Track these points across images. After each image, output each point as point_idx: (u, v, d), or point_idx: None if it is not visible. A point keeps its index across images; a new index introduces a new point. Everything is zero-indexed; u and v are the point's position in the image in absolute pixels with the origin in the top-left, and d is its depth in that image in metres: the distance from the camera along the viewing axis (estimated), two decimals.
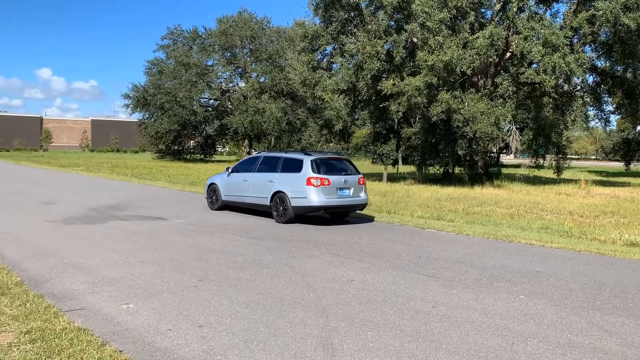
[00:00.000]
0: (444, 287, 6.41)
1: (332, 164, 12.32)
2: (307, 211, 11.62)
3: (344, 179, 11.79)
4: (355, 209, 12.45)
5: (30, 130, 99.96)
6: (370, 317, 5.15)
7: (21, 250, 7.99)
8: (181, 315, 5.10)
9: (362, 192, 12.23)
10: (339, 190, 11.65)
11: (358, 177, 12.19)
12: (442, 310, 5.47)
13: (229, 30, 50.73)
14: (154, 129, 49.85)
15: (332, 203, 11.51)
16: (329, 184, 11.42)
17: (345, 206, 11.97)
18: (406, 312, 5.34)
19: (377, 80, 24.29)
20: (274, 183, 12.06)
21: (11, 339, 4.32)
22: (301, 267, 7.20)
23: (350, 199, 11.87)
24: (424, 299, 5.86)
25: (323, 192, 11.36)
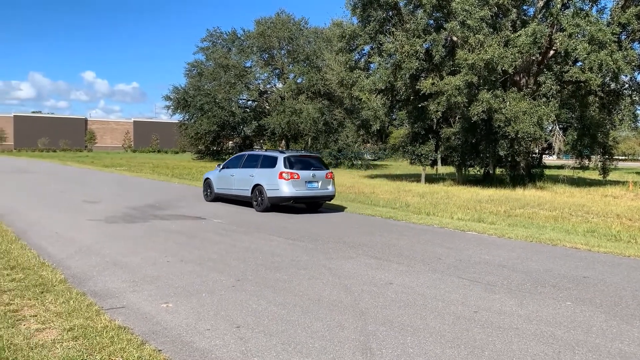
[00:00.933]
0: (486, 291, 6.22)
1: (303, 161, 14.11)
2: (279, 201, 13.48)
3: (312, 173, 13.58)
4: (323, 200, 14.23)
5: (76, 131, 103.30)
6: (410, 322, 5.04)
7: (65, 248, 8.20)
8: (219, 315, 5.11)
9: (330, 185, 13.96)
10: (308, 184, 13.50)
11: (326, 172, 13.99)
12: (484, 315, 5.30)
13: (267, 32, 51.13)
14: (194, 130, 50.74)
15: (301, 194, 13.39)
16: (298, 178, 13.29)
17: (313, 197, 13.80)
18: (447, 317, 5.20)
19: (415, 80, 24.01)
20: (254, 177, 13.98)
21: (55, 335, 4.40)
22: (338, 269, 7.13)
23: (318, 191, 13.72)
24: (465, 303, 5.71)
25: (293, 185, 13.24)
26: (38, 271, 6.44)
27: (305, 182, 13.46)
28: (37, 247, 8.05)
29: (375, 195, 18.25)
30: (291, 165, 13.55)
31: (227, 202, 15.24)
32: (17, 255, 7.28)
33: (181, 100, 51.57)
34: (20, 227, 9.88)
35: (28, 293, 5.54)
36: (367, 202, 16.14)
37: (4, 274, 6.28)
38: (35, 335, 4.41)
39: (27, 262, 6.86)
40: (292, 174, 13.32)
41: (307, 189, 13.50)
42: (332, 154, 45.30)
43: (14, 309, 5.03)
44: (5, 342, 4.18)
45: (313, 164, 14.16)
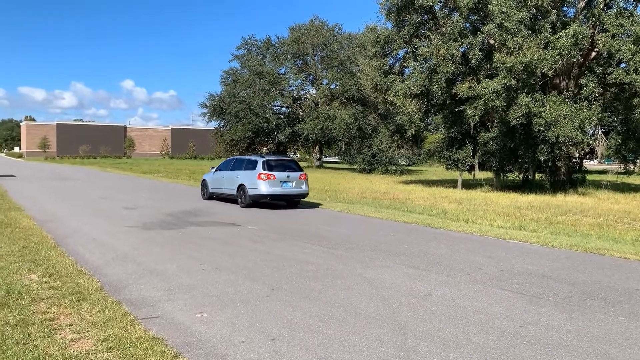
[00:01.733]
0: (531, 304, 5.93)
1: (280, 164, 16.16)
2: (258, 198, 15.57)
3: (287, 175, 15.66)
4: (297, 197, 16.41)
5: (115, 138, 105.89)
6: (452, 336, 4.81)
7: (102, 255, 8.26)
8: (254, 326, 4.99)
9: (304, 185, 16.01)
10: (283, 183, 15.57)
11: (300, 173, 16.06)
12: (531, 330, 5.03)
13: (301, 39, 51.39)
14: (229, 137, 51.29)
15: (276, 192, 15.51)
16: (274, 178, 15.40)
17: (287, 195, 15.93)
18: (490, 332, 4.95)
19: (451, 84, 23.58)
20: (239, 178, 16.11)
21: (89, 346, 4.36)
22: (375, 279, 6.94)
23: (292, 190, 15.81)
24: (510, 317, 5.43)
25: (269, 184, 15.33)
26: (75, 279, 6.47)
27: (281, 182, 15.55)
28: (75, 254, 8.14)
29: (410, 202, 17.94)
30: (269, 168, 15.61)
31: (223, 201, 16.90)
32: (55, 262, 7.35)
33: (217, 107, 52.24)
34: (60, 234, 10.04)
35: (65, 301, 5.55)
36: (403, 208, 15.85)
37: (42, 281, 6.33)
38: (71, 345, 4.38)
39: (65, 270, 6.92)
40: (269, 175, 15.42)
41: (282, 188, 15.60)
42: (366, 159, 45.00)
43: (51, 317, 5.03)
44: (41, 352, 4.16)
45: (289, 167, 16.20)
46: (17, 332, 4.57)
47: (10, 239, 9.05)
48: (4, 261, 7.31)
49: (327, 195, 20.11)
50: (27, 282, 6.23)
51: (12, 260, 7.36)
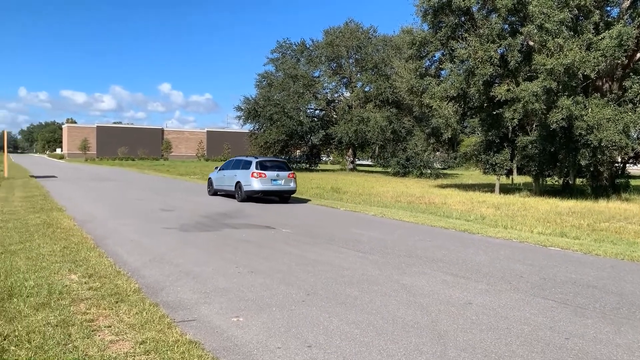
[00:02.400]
0: (577, 315, 5.69)
1: (271, 164, 18.42)
2: (252, 194, 17.82)
3: (276, 173, 17.85)
4: (286, 193, 18.45)
5: (153, 140, 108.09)
6: (494, 348, 4.64)
7: (140, 256, 8.36)
8: (290, 332, 4.94)
9: (292, 183, 18.21)
10: (273, 181, 17.77)
11: (288, 173, 18.29)
12: (577, 343, 4.81)
13: (336, 41, 51.38)
14: (263, 139, 51.62)
15: (267, 189, 17.70)
16: (265, 177, 17.62)
17: (277, 191, 18.12)
18: (534, 344, 4.76)
19: (489, 86, 23.14)
20: (237, 176, 18.40)
21: (128, 348, 4.38)
22: (412, 286, 6.79)
23: (281, 187, 18.02)
24: (554, 328, 5.22)
25: (261, 182, 17.57)
26: (114, 280, 6.55)
27: (271, 180, 17.76)
28: (114, 255, 8.26)
29: (447, 206, 17.64)
30: (262, 168, 17.83)
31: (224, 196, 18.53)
32: (95, 263, 7.47)
33: (251, 110, 52.66)
34: (98, 235, 10.23)
35: (103, 302, 5.61)
36: (439, 213, 15.60)
37: (82, 282, 6.43)
38: (109, 347, 4.41)
39: (103, 271, 7.02)
40: (261, 174, 17.66)
41: (272, 185, 17.81)
42: (400, 162, 44.60)
43: (90, 318, 5.09)
44: (81, 354, 4.19)
45: (279, 167, 18.46)
46: (58, 333, 4.64)
47: (52, 239, 9.27)
48: (46, 261, 7.47)
49: (361, 199, 19.97)
50: (68, 283, 6.34)
51: (54, 261, 7.52)
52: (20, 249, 8.34)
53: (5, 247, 8.41)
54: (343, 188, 25.28)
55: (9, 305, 5.37)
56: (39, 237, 9.49)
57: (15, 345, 4.34)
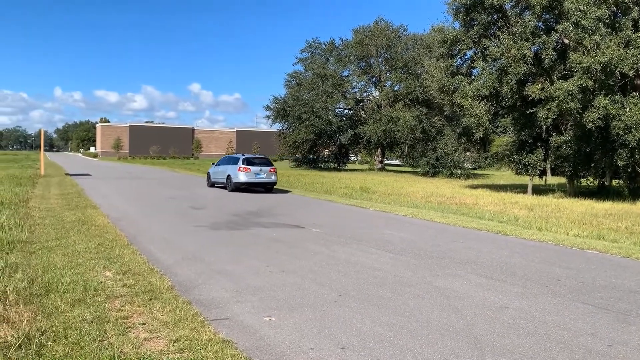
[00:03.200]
0: (619, 321, 5.49)
1: (256, 160, 21.95)
2: (239, 185, 21.21)
3: (259, 168, 21.32)
4: (268, 185, 21.80)
5: (184, 139, 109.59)
6: (533, 354, 4.51)
7: (172, 254, 8.43)
8: (322, 333, 4.89)
9: (273, 176, 21.67)
10: (256, 174, 21.21)
11: (270, 167, 21.66)
12: (621, 351, 4.64)
13: (365, 40, 51.16)
14: (292, 139, 51.76)
15: (251, 180, 21.13)
16: (249, 171, 21.09)
17: (259, 183, 21.45)
18: (575, 351, 4.61)
19: (522, 85, 22.68)
20: (228, 170, 21.96)
21: (162, 346, 4.40)
22: (446, 288, 6.67)
23: (264, 179, 21.39)
24: (596, 335, 5.04)
25: (246, 175, 21.03)
26: (147, 277, 6.62)
27: (255, 173, 21.19)
28: (147, 252, 8.35)
29: (478, 207, 17.35)
30: (247, 163, 21.33)
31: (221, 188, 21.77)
32: (128, 260, 7.57)
33: (280, 110, 52.86)
34: (132, 232, 10.37)
35: (138, 299, 5.67)
36: (471, 214, 15.34)
37: (117, 278, 6.51)
38: (144, 344, 4.43)
39: (137, 268, 7.09)
40: (246, 168, 21.14)
41: (255, 177, 21.22)
42: (430, 162, 44.12)
43: (125, 315, 5.14)
44: (116, 351, 4.23)
45: (263, 163, 21.84)
46: (93, 329, 4.69)
47: (87, 236, 9.43)
48: (81, 258, 7.60)
49: (391, 199, 19.81)
50: (103, 279, 6.43)
51: (89, 257, 7.64)
52: (56, 245, 8.51)
53: (42, 244, 8.60)
54: (372, 188, 25.13)
55: (47, 301, 5.47)
56: (75, 234, 9.68)
57: (52, 341, 4.40)
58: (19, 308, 5.15)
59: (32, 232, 9.75)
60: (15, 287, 5.81)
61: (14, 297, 5.47)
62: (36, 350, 4.20)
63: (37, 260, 7.33)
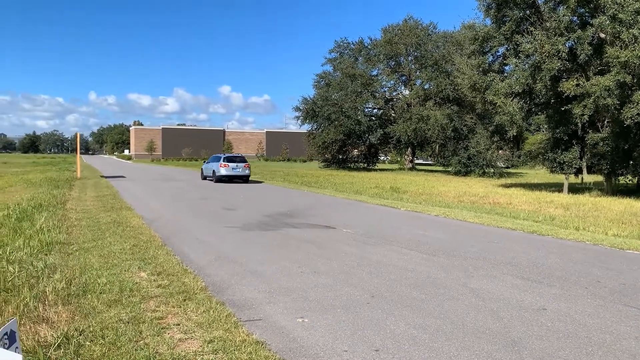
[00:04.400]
0: None
1: (234, 158, 28.49)
2: (221, 177, 27.55)
3: (236, 164, 27.68)
4: (243, 177, 28.21)
5: (215, 141, 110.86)
6: (574, 358, 4.37)
7: (205, 255, 8.51)
8: (356, 335, 4.85)
9: (247, 170, 28.22)
10: (233, 169, 27.57)
11: (245, 164, 28.18)
12: None
13: (394, 39, 50.86)
14: (321, 139, 51.76)
15: (230, 174, 27.49)
16: (228, 167, 27.43)
17: (236, 175, 27.81)
18: (619, 355, 4.45)
19: (556, 81, 22.15)
20: (213, 166, 28.49)
21: (196, 347, 4.43)
22: (481, 290, 6.54)
23: (239, 172, 27.82)
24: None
25: (225, 170, 27.36)
26: (181, 278, 6.69)
27: (232, 168, 27.77)
28: (180, 253, 8.45)
29: (512, 207, 17.01)
30: (227, 160, 28.08)
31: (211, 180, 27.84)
32: (163, 261, 7.67)
33: (310, 110, 52.92)
34: (165, 233, 10.51)
35: (172, 300, 5.73)
36: (505, 214, 15.05)
37: (151, 279, 6.60)
38: (178, 345, 4.47)
39: (171, 269, 7.18)
40: (226, 164, 27.74)
41: (233, 172, 27.78)
42: (462, 161, 43.51)
43: (159, 316, 5.20)
44: (152, 351, 4.27)
45: (239, 160, 28.49)
46: (129, 329, 4.75)
47: (122, 237, 9.61)
48: (117, 259, 7.74)
49: (422, 199, 19.61)
50: (138, 280, 6.52)
51: (124, 258, 7.78)
52: (93, 246, 8.69)
53: (79, 245, 8.79)
54: (403, 188, 24.93)
55: (84, 301, 5.57)
56: (110, 235, 9.87)
57: (90, 341, 4.48)
58: (58, 308, 5.26)
59: (70, 233, 9.99)
60: (54, 287, 5.94)
61: (53, 298, 5.59)
62: (74, 350, 4.28)
63: (74, 261, 7.49)
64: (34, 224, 10.52)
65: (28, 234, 9.39)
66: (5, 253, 7.62)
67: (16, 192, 18.77)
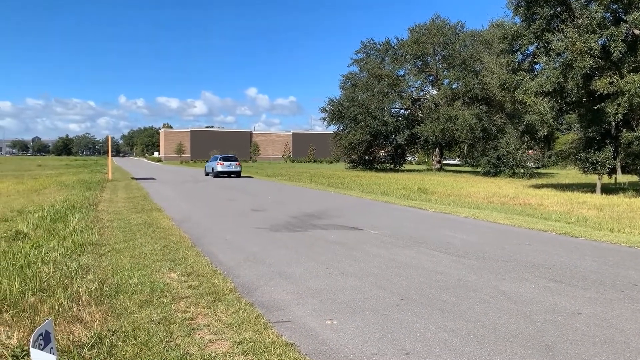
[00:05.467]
0: None
1: (228, 157, 37.28)
2: (217, 173, 36.11)
3: (229, 162, 36.34)
4: (235, 173, 36.47)
5: (242, 143, 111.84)
6: None
7: (234, 255, 8.57)
8: (386, 338, 4.81)
9: (238, 167, 36.50)
10: (227, 166, 36.06)
11: (236, 162, 36.76)
12: None
13: (422, 39, 50.47)
14: (348, 140, 51.67)
15: (224, 170, 35.96)
16: (223, 164, 36.13)
17: (229, 171, 36.17)
18: None
19: (588, 80, 21.63)
20: (212, 164, 37.55)
21: (226, 348, 4.46)
22: (513, 293, 6.42)
23: (232, 169, 36.17)
24: None
25: (220, 167, 36.02)
26: (211, 279, 6.74)
27: (226, 165, 35.70)
28: (210, 254, 8.53)
29: (544, 208, 16.68)
30: (222, 159, 36.43)
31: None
32: (192, 262, 7.75)
33: (336, 111, 52.87)
34: (195, 234, 10.63)
35: (202, 301, 5.78)
36: (536, 215, 14.76)
37: (182, 280, 6.68)
38: (209, 346, 4.50)
39: (201, 269, 7.25)
40: (221, 163, 35.94)
41: (226, 168, 35.74)
42: (491, 162, 42.85)
43: (190, 317, 5.25)
44: (182, 352, 4.31)
45: (232, 160, 36.63)
46: (160, 330, 4.81)
47: (153, 238, 9.75)
48: (147, 259, 7.85)
49: (451, 200, 19.38)
50: (168, 281, 6.60)
51: (155, 259, 7.89)
52: (124, 247, 8.84)
53: (111, 246, 8.95)
54: (430, 189, 24.70)
55: (116, 302, 5.67)
56: (141, 236, 10.02)
57: (122, 341, 4.54)
58: (91, 308, 5.36)
59: (102, 234, 10.18)
60: (87, 287, 6.06)
61: (86, 298, 5.70)
62: (107, 350, 4.35)
63: (106, 262, 7.63)
64: (67, 225, 10.76)
65: (62, 235, 9.61)
66: (40, 254, 7.81)
67: (50, 194, 19.24)
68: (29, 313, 5.15)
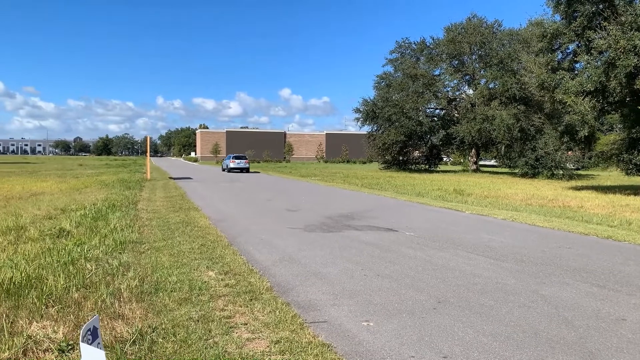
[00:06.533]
0: None
1: (238, 156, 48.82)
2: (230, 169, 46.62)
3: (239, 160, 47.55)
4: (244, 169, 46.69)
5: (276, 143, 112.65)
6: None
7: (270, 255, 8.64)
8: (423, 341, 4.77)
9: (247, 165, 47.58)
10: (237, 163, 46.85)
11: (245, 160, 48.17)
12: None
13: (458, 38, 49.83)
14: (382, 140, 51.37)
15: (235, 166, 46.62)
16: (234, 162, 47.05)
17: (239, 167, 46.59)
18: None
19: (632, 79, 20.93)
20: (226, 161, 48.89)
21: (263, 347, 4.50)
22: (553, 297, 6.27)
23: (242, 166, 46.85)
24: None
25: (232, 164, 46.85)
26: (247, 278, 6.82)
27: (237, 162, 46.80)
28: (246, 253, 8.63)
29: (584, 210, 16.23)
30: (234, 158, 47.74)
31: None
32: (229, 260, 7.86)
33: (370, 111, 52.64)
34: (231, 233, 10.77)
35: (239, 300, 5.85)
36: (577, 218, 14.38)
37: (219, 278, 6.77)
38: (246, 345, 4.56)
39: (238, 268, 7.34)
40: (233, 160, 47.22)
41: (237, 165, 46.54)
42: (529, 163, 41.90)
43: (228, 315, 5.32)
44: (221, 350, 4.38)
45: (242, 158, 48.08)
46: (199, 328, 4.90)
47: (191, 237, 9.92)
48: (186, 258, 8.00)
49: (488, 202, 19.07)
50: (206, 279, 6.71)
51: (193, 258, 8.03)
52: (163, 245, 9.02)
53: (151, 244, 9.15)
54: (467, 190, 24.35)
55: (156, 299, 5.79)
56: (179, 235, 10.21)
57: (162, 338, 4.64)
58: (132, 305, 5.49)
59: (141, 233, 10.41)
60: (128, 285, 6.21)
61: (127, 295, 5.85)
62: (148, 347, 4.44)
63: (146, 260, 7.80)
64: (108, 224, 11.05)
65: (103, 232, 9.88)
66: (83, 251, 8.05)
67: (91, 193, 19.80)
68: (73, 309, 5.31)
